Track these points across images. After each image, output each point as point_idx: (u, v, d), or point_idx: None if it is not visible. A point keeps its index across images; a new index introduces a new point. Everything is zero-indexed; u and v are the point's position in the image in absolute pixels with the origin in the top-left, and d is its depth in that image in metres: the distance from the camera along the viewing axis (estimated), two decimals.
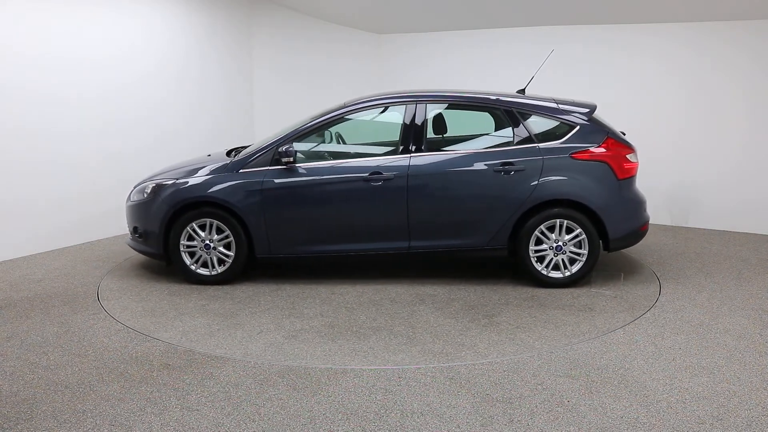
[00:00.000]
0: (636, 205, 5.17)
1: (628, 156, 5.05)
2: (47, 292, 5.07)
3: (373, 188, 5.05)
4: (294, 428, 3.01)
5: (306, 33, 8.98)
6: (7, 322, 4.40)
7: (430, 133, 5.18)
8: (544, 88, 6.05)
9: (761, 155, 7.17)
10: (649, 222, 5.41)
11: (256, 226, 5.14)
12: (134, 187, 5.62)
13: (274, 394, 3.34)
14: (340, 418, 3.10)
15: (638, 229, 5.18)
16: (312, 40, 9.07)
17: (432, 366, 3.68)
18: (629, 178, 5.07)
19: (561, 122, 5.09)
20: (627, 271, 5.63)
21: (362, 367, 3.66)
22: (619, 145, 5.05)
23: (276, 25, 8.60)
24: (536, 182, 4.96)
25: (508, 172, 4.99)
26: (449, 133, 5.35)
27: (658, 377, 3.51)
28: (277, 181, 5.11)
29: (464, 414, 3.12)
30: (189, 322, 4.46)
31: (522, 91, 5.46)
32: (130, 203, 5.56)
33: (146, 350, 3.92)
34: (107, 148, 6.79)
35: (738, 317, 4.47)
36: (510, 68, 8.36)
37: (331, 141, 5.71)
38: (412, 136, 5.13)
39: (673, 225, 7.63)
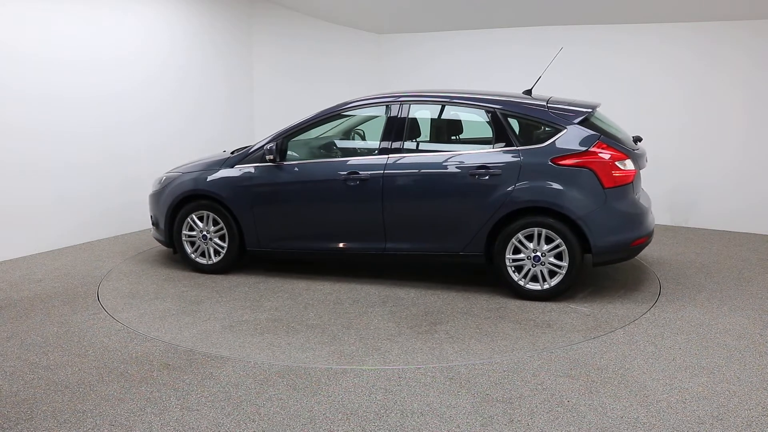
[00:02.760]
0: (627, 216, 4.71)
1: (618, 163, 4.63)
2: (47, 292, 5.07)
3: (351, 188, 5.06)
4: (294, 428, 3.01)
5: (306, 33, 8.98)
6: (7, 322, 4.40)
7: (410, 134, 5.12)
8: (548, 89, 6.03)
9: (761, 156, 7.17)
10: (649, 235, 4.90)
11: (246, 220, 5.37)
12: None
13: (274, 394, 3.34)
14: (340, 418, 3.10)
15: (629, 243, 4.72)
16: (312, 40, 9.07)
17: (432, 366, 3.68)
18: (620, 186, 4.64)
19: (547, 124, 4.79)
20: (629, 280, 5.62)
21: (360, 367, 3.67)
22: (609, 150, 4.63)
23: (276, 24, 8.60)
24: (512, 187, 4.69)
25: (483, 176, 4.76)
26: (431, 134, 5.33)
27: (658, 377, 3.51)
28: (264, 177, 5.31)
29: (464, 414, 3.12)
30: (155, 306, 4.78)
31: (529, 92, 5.29)
32: (150, 193, 5.96)
33: (146, 350, 3.92)
34: (108, 148, 6.78)
35: (738, 317, 4.47)
36: (510, 68, 8.37)
37: (355, 138, 5.78)
38: (391, 137, 5.08)
39: (673, 225, 7.63)
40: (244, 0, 8.22)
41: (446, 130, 5.44)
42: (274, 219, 5.32)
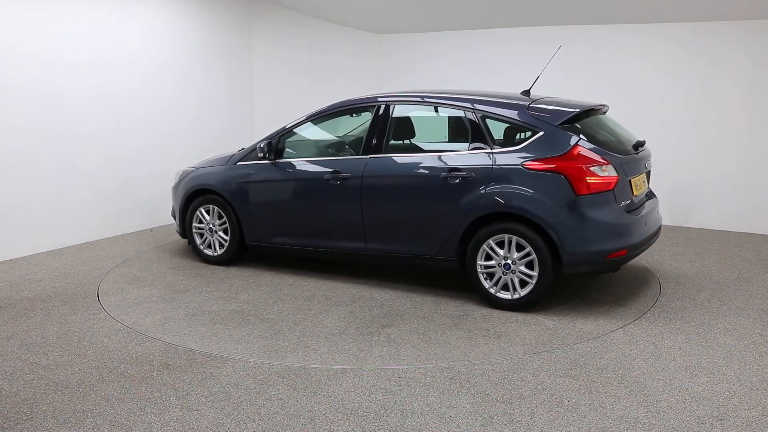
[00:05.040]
0: (602, 226, 4.37)
1: (596, 168, 4.33)
2: (47, 292, 5.07)
3: (334, 187, 5.11)
4: (294, 428, 3.01)
5: (306, 33, 8.98)
6: (7, 322, 4.40)
7: (390, 135, 5.08)
8: (550, 89, 6.03)
9: (761, 155, 7.17)
10: (631, 248, 4.52)
11: (244, 215, 5.61)
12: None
13: (274, 394, 3.34)
14: (340, 418, 3.10)
15: (604, 255, 4.38)
16: (312, 39, 9.07)
17: (432, 366, 3.68)
18: (594, 194, 4.33)
19: (524, 126, 4.59)
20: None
21: (360, 367, 3.67)
22: (587, 154, 4.35)
23: (276, 24, 8.60)
24: (483, 191, 4.52)
25: (455, 179, 4.62)
26: (411, 135, 5.31)
27: (658, 377, 3.51)
28: (260, 174, 5.50)
29: (464, 414, 3.12)
30: (143, 292, 5.10)
31: (527, 92, 5.20)
32: (172, 185, 6.31)
33: (146, 350, 3.92)
34: (108, 148, 6.78)
35: (738, 317, 4.47)
36: (510, 68, 8.37)
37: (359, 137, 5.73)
38: (373, 137, 5.07)
39: (673, 225, 7.63)
40: (244, 0, 8.21)
41: (426, 131, 5.40)
42: (268, 215, 5.51)
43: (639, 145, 4.96)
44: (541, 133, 4.50)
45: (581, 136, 4.48)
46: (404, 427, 3.01)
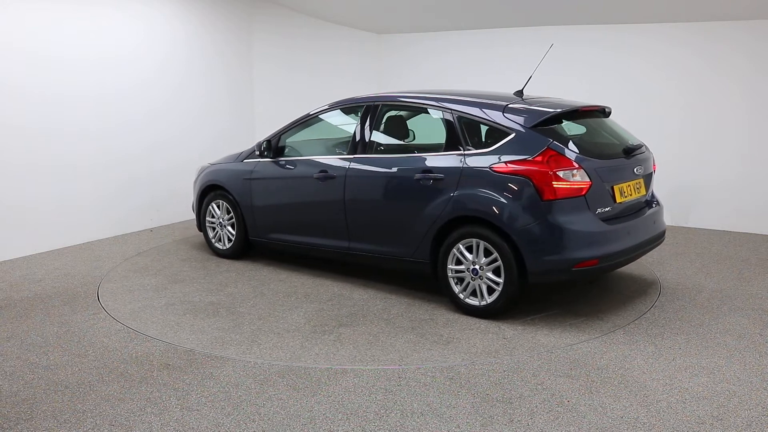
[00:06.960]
0: (570, 234, 4.13)
1: (563, 173, 4.13)
2: (47, 292, 5.07)
3: (321, 186, 5.20)
4: (294, 428, 3.01)
5: (306, 33, 8.99)
6: (7, 322, 4.40)
7: (374, 135, 5.07)
8: (549, 89, 6.03)
9: (761, 156, 7.17)
10: (601, 258, 4.22)
11: (246, 210, 5.80)
12: None
13: (274, 394, 3.34)
14: (340, 418, 3.10)
15: (571, 265, 4.14)
16: (312, 39, 9.07)
17: (432, 366, 3.68)
18: (563, 200, 4.13)
19: (498, 128, 4.43)
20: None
21: (361, 367, 3.67)
22: (556, 158, 4.16)
23: (276, 24, 8.60)
24: (452, 194, 4.44)
25: (427, 181, 4.57)
26: (394, 135, 5.27)
27: (658, 377, 3.51)
28: (260, 171, 5.68)
29: (464, 414, 3.12)
30: (141, 280, 5.37)
31: (520, 93, 5.07)
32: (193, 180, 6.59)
33: (146, 350, 3.92)
34: (108, 148, 6.78)
35: (738, 317, 4.47)
36: (509, 68, 8.35)
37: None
38: (358, 138, 5.12)
39: (673, 225, 7.63)
40: (244, 0, 8.21)
41: (407, 132, 5.38)
42: (266, 211, 5.65)
43: (631, 150, 4.68)
44: (512, 135, 4.35)
45: (553, 140, 4.26)
46: (404, 427, 3.01)
